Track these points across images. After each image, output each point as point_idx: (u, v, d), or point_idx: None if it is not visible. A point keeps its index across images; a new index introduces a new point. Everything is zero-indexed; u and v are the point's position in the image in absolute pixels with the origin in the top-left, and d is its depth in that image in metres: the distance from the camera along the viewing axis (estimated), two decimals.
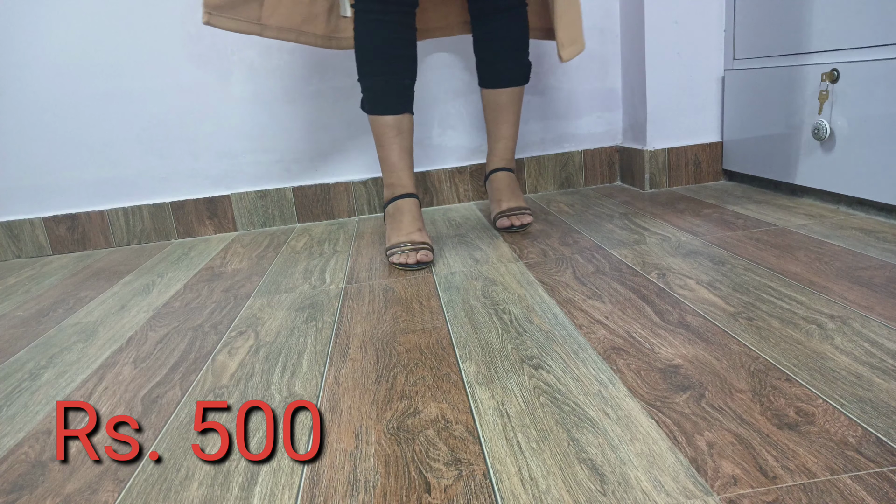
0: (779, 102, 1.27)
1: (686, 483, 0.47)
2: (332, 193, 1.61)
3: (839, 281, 0.82)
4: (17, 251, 1.58)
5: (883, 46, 1.03)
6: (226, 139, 1.56)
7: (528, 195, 1.64)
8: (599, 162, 1.65)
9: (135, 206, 1.58)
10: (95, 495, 0.54)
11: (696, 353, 0.67)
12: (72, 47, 1.48)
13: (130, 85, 1.51)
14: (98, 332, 0.96)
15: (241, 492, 0.52)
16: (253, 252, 1.36)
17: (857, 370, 0.60)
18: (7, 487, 0.57)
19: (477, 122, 1.61)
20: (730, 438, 0.51)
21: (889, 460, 0.47)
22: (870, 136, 1.06)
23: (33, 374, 0.82)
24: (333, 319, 0.89)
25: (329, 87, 1.55)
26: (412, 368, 0.71)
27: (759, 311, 0.75)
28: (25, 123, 1.51)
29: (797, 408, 0.55)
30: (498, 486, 0.49)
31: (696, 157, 1.51)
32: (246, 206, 1.60)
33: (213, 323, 0.94)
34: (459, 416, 0.60)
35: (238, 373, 0.75)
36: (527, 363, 0.69)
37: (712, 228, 1.12)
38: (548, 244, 1.15)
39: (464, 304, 0.89)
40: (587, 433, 0.54)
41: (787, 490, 0.45)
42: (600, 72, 1.61)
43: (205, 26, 1.49)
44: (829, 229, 1.04)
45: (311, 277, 1.11)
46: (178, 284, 1.17)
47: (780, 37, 1.26)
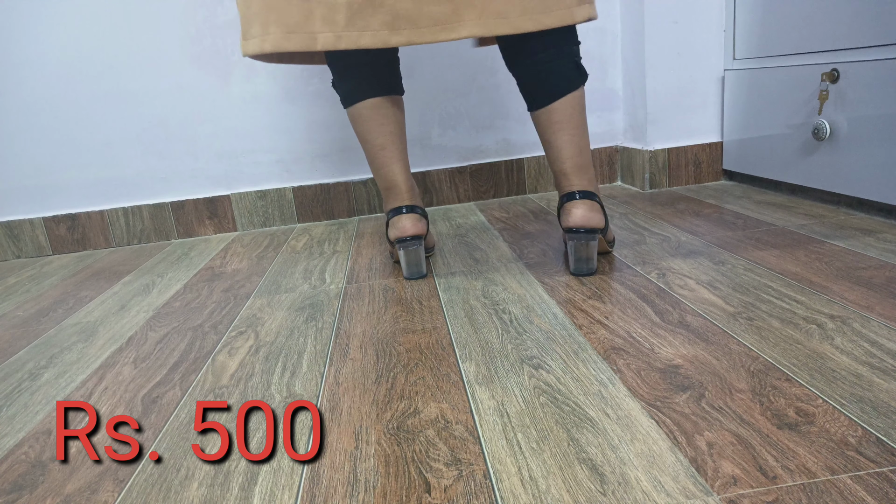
0: (779, 102, 1.27)
1: (686, 483, 0.47)
2: (332, 193, 1.61)
3: (839, 281, 0.82)
4: (17, 251, 1.58)
5: (883, 46, 1.03)
6: (226, 139, 1.56)
7: (529, 195, 1.64)
8: (599, 162, 1.65)
9: (135, 206, 1.58)
10: (95, 495, 0.54)
11: (696, 353, 0.67)
12: (72, 48, 1.48)
13: (130, 85, 1.51)
14: (98, 332, 0.96)
15: (241, 492, 0.52)
16: (253, 252, 1.36)
17: (857, 370, 0.60)
18: (7, 487, 0.57)
19: (477, 122, 1.61)
20: (730, 438, 0.51)
21: (889, 460, 0.47)
22: (870, 136, 1.06)
23: (33, 374, 0.82)
24: (333, 319, 0.89)
25: (329, 87, 1.55)
26: (412, 368, 0.71)
27: (759, 311, 0.75)
28: (26, 123, 1.51)
29: (797, 408, 0.55)
30: (498, 486, 0.49)
31: (696, 157, 1.51)
32: (246, 206, 1.60)
33: (213, 323, 0.94)
34: (459, 416, 0.60)
35: (238, 373, 0.75)
36: (527, 363, 0.69)
37: (712, 228, 1.12)
38: (548, 244, 1.15)
39: (464, 304, 0.89)
40: (587, 433, 0.54)
41: (787, 490, 0.45)
42: (600, 72, 1.61)
43: (205, 27, 1.49)
44: (829, 229, 1.04)
45: (311, 277, 1.11)
46: (178, 284, 1.17)
47: (780, 37, 1.26)
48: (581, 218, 0.93)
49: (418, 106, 1.59)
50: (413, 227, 1.01)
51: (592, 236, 0.94)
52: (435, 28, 0.87)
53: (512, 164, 1.63)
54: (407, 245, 1.02)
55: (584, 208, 0.94)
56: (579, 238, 0.94)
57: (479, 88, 1.59)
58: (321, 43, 0.87)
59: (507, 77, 1.59)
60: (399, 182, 1.03)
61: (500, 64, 1.58)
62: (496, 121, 1.61)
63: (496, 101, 1.60)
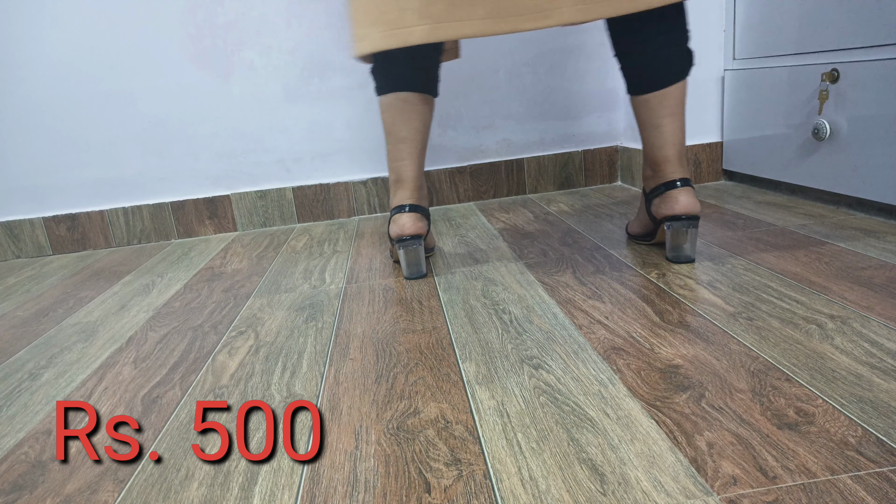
0: (779, 102, 1.27)
1: (686, 483, 0.47)
2: (332, 193, 1.61)
3: (839, 281, 0.82)
4: (17, 251, 1.58)
5: (883, 46, 1.03)
6: (226, 139, 1.56)
7: (529, 195, 1.64)
8: (599, 162, 1.65)
9: (135, 206, 1.58)
10: (95, 495, 0.54)
11: (696, 353, 0.67)
12: (72, 47, 1.48)
13: (130, 85, 1.51)
14: (98, 332, 0.96)
15: (241, 492, 0.52)
16: (253, 252, 1.36)
17: (857, 370, 0.60)
18: (7, 487, 0.57)
19: (477, 122, 1.61)
20: (730, 438, 0.51)
21: (889, 460, 0.47)
22: (870, 136, 1.06)
23: (33, 374, 0.82)
24: (333, 319, 0.89)
25: (329, 87, 1.55)
26: (412, 368, 0.71)
27: (759, 311, 0.75)
28: (26, 124, 1.51)
29: (797, 408, 0.55)
30: (498, 487, 0.49)
31: (696, 156, 1.51)
32: (246, 206, 1.60)
33: (213, 323, 0.94)
34: (459, 416, 0.60)
35: (238, 373, 0.75)
36: (527, 363, 0.69)
37: (712, 228, 1.12)
38: (548, 244, 1.15)
39: (464, 304, 0.89)
40: (587, 433, 0.54)
41: (787, 490, 0.45)
42: (600, 72, 1.61)
43: (205, 27, 1.49)
44: (829, 229, 1.04)
45: (311, 277, 1.11)
46: (178, 284, 1.17)
47: (780, 37, 1.26)
48: (686, 205, 0.94)
49: None
50: (413, 227, 1.01)
51: (695, 223, 0.95)
52: (537, 15, 0.87)
53: (512, 164, 1.63)
54: (406, 244, 1.02)
55: (687, 195, 0.95)
56: (682, 225, 0.95)
57: (479, 88, 1.59)
58: (417, 36, 0.87)
59: (508, 77, 1.59)
60: (409, 178, 1.03)
61: (500, 64, 1.58)
62: (496, 121, 1.61)
63: (496, 101, 1.60)
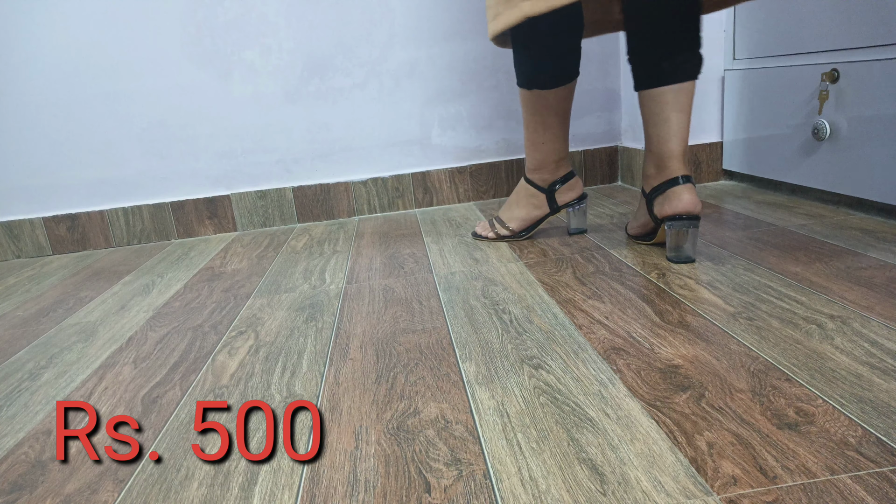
0: (779, 102, 1.27)
1: (686, 483, 0.47)
2: (332, 193, 1.61)
3: (839, 281, 0.82)
4: (17, 251, 1.58)
5: (883, 46, 1.03)
6: (226, 139, 1.56)
7: None
8: (599, 162, 1.65)
9: (135, 206, 1.58)
10: (95, 495, 0.54)
11: (696, 353, 0.67)
12: (72, 48, 1.48)
13: (130, 85, 1.51)
14: (98, 332, 0.96)
15: (241, 492, 0.52)
16: (253, 252, 1.36)
17: (857, 370, 0.60)
18: (7, 487, 0.57)
19: (477, 122, 1.61)
20: (730, 438, 0.51)
21: (889, 460, 0.47)
22: (870, 136, 1.06)
23: (33, 374, 0.82)
24: (333, 319, 0.89)
25: (329, 87, 1.55)
26: (412, 368, 0.71)
27: (759, 311, 0.75)
28: (26, 124, 1.51)
29: (797, 408, 0.55)
30: (498, 487, 0.49)
31: (695, 156, 1.51)
32: (246, 206, 1.60)
33: (213, 323, 0.94)
34: (459, 416, 0.60)
35: (238, 373, 0.75)
36: (527, 363, 0.69)
37: (712, 228, 1.12)
38: (548, 244, 1.15)
39: (464, 304, 0.89)
40: (587, 433, 0.54)
41: (787, 490, 0.45)
42: (600, 72, 1.61)
43: (205, 27, 1.49)
44: (829, 229, 1.04)
45: (311, 277, 1.11)
46: (178, 284, 1.17)
47: (780, 37, 1.26)
48: (689, 203, 0.91)
49: (418, 106, 1.59)
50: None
51: (696, 223, 0.92)
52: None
53: (512, 164, 1.63)
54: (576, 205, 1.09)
55: (690, 193, 0.92)
56: (683, 225, 0.91)
57: (479, 88, 1.59)
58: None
59: (508, 77, 1.59)
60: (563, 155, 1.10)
61: (500, 64, 1.58)
62: (496, 121, 1.61)
63: (496, 101, 1.60)
